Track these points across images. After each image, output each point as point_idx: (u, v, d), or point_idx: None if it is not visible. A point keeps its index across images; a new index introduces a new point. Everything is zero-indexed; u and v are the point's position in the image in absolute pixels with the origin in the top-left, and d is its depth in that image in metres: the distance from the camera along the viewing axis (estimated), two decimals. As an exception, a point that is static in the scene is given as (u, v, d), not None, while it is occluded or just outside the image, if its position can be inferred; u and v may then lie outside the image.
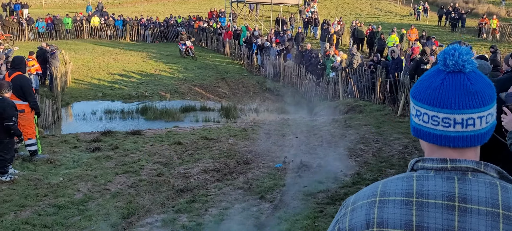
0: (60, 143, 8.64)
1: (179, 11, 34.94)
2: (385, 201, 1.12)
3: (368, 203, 1.15)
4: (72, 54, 20.74)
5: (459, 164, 1.11)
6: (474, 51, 11.80)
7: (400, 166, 6.99)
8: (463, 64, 1.10)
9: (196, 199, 5.96)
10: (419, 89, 1.15)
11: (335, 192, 6.01)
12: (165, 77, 18.74)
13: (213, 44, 25.74)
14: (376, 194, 1.15)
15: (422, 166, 1.16)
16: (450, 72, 1.12)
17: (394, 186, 1.14)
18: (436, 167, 1.13)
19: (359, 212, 1.15)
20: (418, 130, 1.16)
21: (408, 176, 1.15)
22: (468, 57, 1.11)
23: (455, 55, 1.11)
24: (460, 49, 1.11)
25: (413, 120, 1.18)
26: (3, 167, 6.48)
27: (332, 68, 15.34)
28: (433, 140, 1.13)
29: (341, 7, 35.89)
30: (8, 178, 6.50)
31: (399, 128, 9.31)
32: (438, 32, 25.40)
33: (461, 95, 1.09)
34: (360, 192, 1.21)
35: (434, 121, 1.11)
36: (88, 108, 14.28)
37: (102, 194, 6.18)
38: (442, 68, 1.13)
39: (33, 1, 38.69)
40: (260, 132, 9.67)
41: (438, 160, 1.13)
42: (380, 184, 1.18)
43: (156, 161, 7.60)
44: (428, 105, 1.12)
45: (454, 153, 1.12)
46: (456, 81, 1.10)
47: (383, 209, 1.11)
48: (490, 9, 30.89)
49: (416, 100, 1.16)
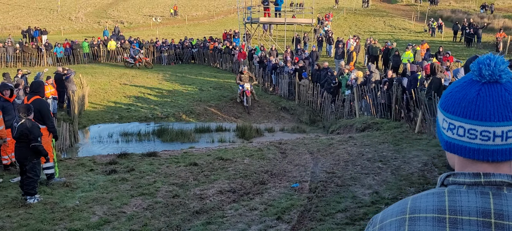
0: (76, 166, 8.68)
1: (194, 33, 35.40)
2: (415, 218, 1.06)
3: (398, 220, 1.08)
4: (89, 78, 21.09)
5: (494, 178, 1.04)
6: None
7: (420, 183, 6.81)
8: (499, 74, 1.05)
9: (212, 221, 5.88)
10: (452, 101, 1.09)
11: (354, 212, 5.87)
12: (181, 99, 18.85)
13: (227, 65, 25.93)
14: (406, 211, 1.09)
15: (453, 181, 1.09)
16: (486, 83, 1.06)
17: (424, 202, 1.08)
18: (468, 182, 1.06)
19: (388, 229, 1.09)
20: (452, 144, 1.09)
21: (439, 191, 1.09)
22: (505, 66, 1.05)
23: (491, 65, 1.05)
24: (495, 59, 1.06)
25: (445, 133, 1.11)
26: (33, 189, 6.55)
27: (347, 86, 15.23)
28: (470, 154, 1.07)
29: (355, 25, 35.92)
30: (35, 200, 6.55)
31: (418, 145, 9.12)
32: (454, 48, 25.15)
33: (500, 106, 1.03)
34: (388, 209, 1.15)
35: (471, 134, 1.05)
36: (105, 131, 14.40)
37: (117, 217, 6.14)
38: (476, 78, 1.07)
39: (52, 27, 39.74)
40: (276, 152, 9.58)
41: (471, 175, 1.06)
42: (409, 200, 1.12)
43: (172, 183, 7.56)
44: (464, 118, 1.06)
45: (489, 167, 1.06)
46: (493, 92, 1.04)
47: (414, 227, 1.05)
48: (506, 23, 30.55)
49: (449, 113, 1.09)
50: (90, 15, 46.16)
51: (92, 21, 43.83)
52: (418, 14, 36.41)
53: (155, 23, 40.50)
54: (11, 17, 44.96)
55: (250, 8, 28.68)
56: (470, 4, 40.83)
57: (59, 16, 45.75)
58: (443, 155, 7.57)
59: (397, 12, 39.76)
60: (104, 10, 48.14)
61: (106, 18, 44.17)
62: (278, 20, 28.53)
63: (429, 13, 35.74)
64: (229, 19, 41.81)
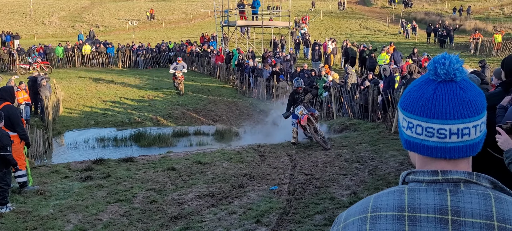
0: (50, 173, 8.47)
1: (171, 36, 35.13)
2: (376, 217, 1.07)
3: (360, 219, 1.10)
4: (64, 83, 20.66)
5: (451, 175, 1.07)
6: (468, 66, 11.88)
7: (396, 183, 6.85)
8: (454, 72, 1.07)
9: (191, 226, 5.82)
10: (410, 100, 1.11)
11: (332, 213, 5.90)
12: (158, 103, 18.66)
13: (205, 68, 25.81)
14: (367, 209, 1.10)
15: (413, 179, 1.11)
16: (442, 82, 1.08)
17: (385, 201, 1.09)
18: (427, 179, 1.08)
19: (351, 228, 1.10)
20: (410, 143, 1.11)
21: (399, 189, 1.11)
22: (459, 65, 1.07)
23: (446, 64, 1.07)
24: (450, 58, 1.08)
25: (405, 132, 1.13)
26: (4, 198, 6.38)
27: (325, 88, 15.36)
28: (428, 152, 1.08)
29: (331, 27, 36.31)
30: (7, 209, 6.37)
31: (394, 145, 9.25)
32: (427, 49, 25.66)
33: (455, 104, 1.05)
34: (351, 208, 1.16)
35: (428, 132, 1.07)
36: (80, 137, 14.12)
37: (93, 225, 6.01)
38: (432, 77, 1.09)
39: (25, 31, 38.80)
40: (255, 154, 9.57)
41: (429, 172, 1.08)
42: (371, 198, 1.13)
43: (149, 188, 7.45)
44: (421, 117, 1.08)
45: (448, 164, 1.08)
46: (448, 90, 1.07)
47: (375, 225, 1.06)
48: (477, 25, 31.38)
49: (407, 112, 1.11)
50: (64, 19, 45.25)
51: (66, 25, 42.98)
52: (392, 16, 37.06)
53: (131, 26, 40.03)
54: (-19, 21, 43.70)
55: (227, 11, 28.65)
56: (443, 7, 41.83)
57: (32, 20, 44.69)
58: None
59: (372, 15, 40.39)
60: (78, 14, 47.29)
61: (81, 22, 43.37)
62: (255, 23, 28.57)
63: (403, 15, 36.42)
64: (206, 23, 41.65)
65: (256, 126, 15.40)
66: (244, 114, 17.83)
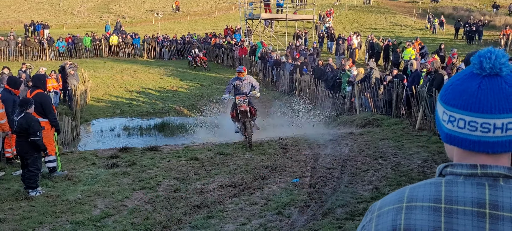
0: (78, 159, 8.74)
1: (195, 28, 35.37)
2: (412, 207, 1.08)
3: (395, 208, 1.11)
4: (91, 73, 21.12)
5: (490, 170, 1.07)
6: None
7: (419, 180, 6.82)
8: (500, 67, 1.07)
9: (213, 215, 5.93)
10: (453, 94, 1.11)
11: (353, 207, 5.91)
12: (182, 94, 18.90)
13: (229, 61, 25.93)
14: (403, 199, 1.11)
15: (451, 172, 1.11)
16: (487, 76, 1.08)
17: (421, 192, 1.10)
18: (466, 172, 1.09)
19: (386, 217, 1.11)
20: (452, 136, 1.11)
21: (436, 181, 1.11)
22: (505, 60, 1.08)
23: (492, 59, 1.08)
24: (496, 52, 1.09)
25: (445, 126, 1.13)
26: (35, 182, 6.61)
27: (348, 83, 15.24)
28: (470, 146, 1.09)
29: (356, 22, 35.85)
30: (37, 193, 6.61)
31: (418, 142, 9.16)
32: (455, 45, 25.09)
33: (501, 99, 1.05)
34: (386, 197, 1.18)
35: (471, 126, 1.07)
36: (107, 125, 14.46)
37: (119, 210, 6.20)
38: (477, 71, 1.10)
39: (54, 21, 39.73)
40: (277, 147, 9.62)
41: (468, 166, 1.09)
42: (407, 189, 1.14)
43: (173, 177, 7.61)
44: (464, 111, 1.08)
45: (488, 158, 1.08)
46: (493, 85, 1.07)
47: (410, 215, 1.07)
48: (507, 21, 30.47)
49: (449, 105, 1.11)
50: (92, 10, 46.11)
51: (94, 16, 43.80)
52: (419, 11, 36.33)
53: (157, 18, 40.46)
54: (13, 11, 44.96)
55: (251, 4, 28.65)
56: (472, 2, 40.72)
57: (61, 10, 45.72)
58: (443, 152, 7.61)
59: (398, 9, 39.65)
60: (106, 4, 48.07)
61: (108, 13, 44.13)
62: (279, 16, 28.49)
63: (431, 10, 35.66)
64: (230, 15, 41.75)
65: (277, 118, 15.42)
66: (266, 107, 17.87)
